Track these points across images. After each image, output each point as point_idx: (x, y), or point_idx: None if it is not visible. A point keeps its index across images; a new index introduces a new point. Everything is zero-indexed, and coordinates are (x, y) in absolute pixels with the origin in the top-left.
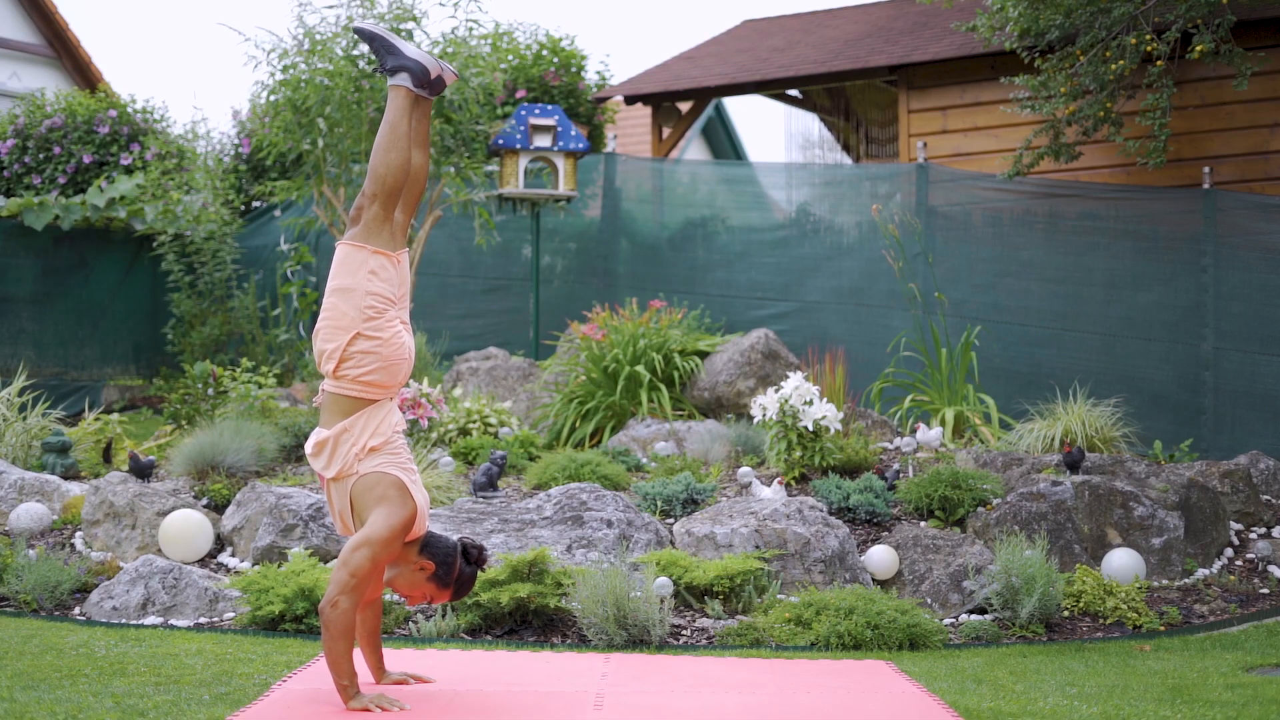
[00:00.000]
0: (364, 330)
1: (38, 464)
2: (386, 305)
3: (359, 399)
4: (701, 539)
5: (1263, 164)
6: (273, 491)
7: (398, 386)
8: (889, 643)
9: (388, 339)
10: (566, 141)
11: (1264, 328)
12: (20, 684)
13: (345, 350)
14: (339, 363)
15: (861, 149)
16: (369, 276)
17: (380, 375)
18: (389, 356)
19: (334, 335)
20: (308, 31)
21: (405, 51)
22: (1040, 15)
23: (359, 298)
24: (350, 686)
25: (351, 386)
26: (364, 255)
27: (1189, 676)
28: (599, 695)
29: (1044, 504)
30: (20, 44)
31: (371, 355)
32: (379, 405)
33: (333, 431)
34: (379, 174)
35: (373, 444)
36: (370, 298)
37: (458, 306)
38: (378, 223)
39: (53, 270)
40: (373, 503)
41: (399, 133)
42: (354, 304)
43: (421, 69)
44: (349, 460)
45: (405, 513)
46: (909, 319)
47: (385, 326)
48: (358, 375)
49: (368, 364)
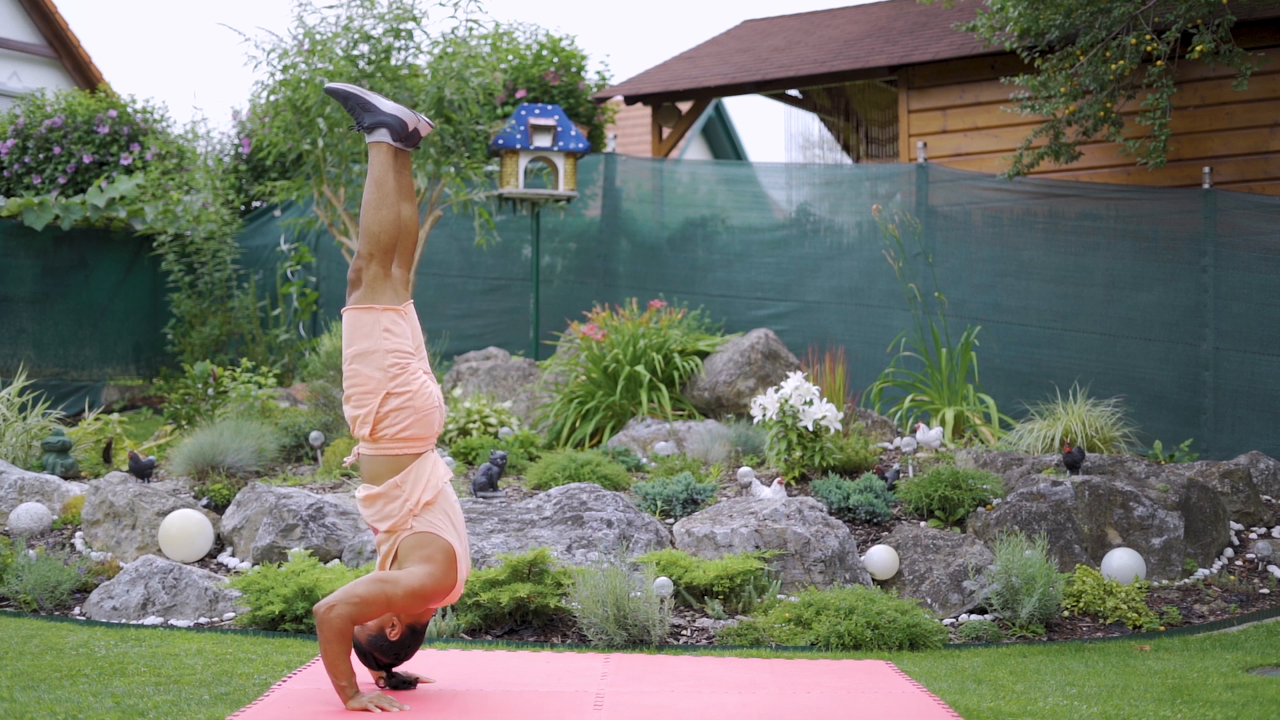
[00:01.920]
0: (392, 389)
1: (38, 464)
2: (407, 359)
3: (401, 455)
4: (701, 539)
5: (1263, 164)
6: (273, 491)
7: (435, 436)
8: (889, 643)
9: (416, 391)
10: (566, 141)
11: (1264, 328)
12: (20, 684)
13: (378, 412)
14: (374, 425)
15: (861, 149)
16: (384, 335)
17: (416, 428)
18: (421, 408)
19: (364, 401)
20: (308, 31)
21: (382, 107)
22: (1040, 15)
23: (380, 358)
24: (349, 687)
25: (391, 445)
26: (374, 316)
27: (1189, 676)
28: (599, 695)
29: (1044, 504)
30: (20, 44)
31: (404, 410)
32: (424, 458)
33: (383, 487)
34: (372, 232)
35: (426, 498)
36: (391, 355)
37: (458, 306)
38: (379, 281)
39: (53, 270)
40: (418, 559)
41: (386, 189)
42: (376, 365)
43: (399, 122)
44: (402, 515)
45: (444, 583)
46: (909, 319)
47: (411, 380)
48: (395, 433)
49: (402, 420)
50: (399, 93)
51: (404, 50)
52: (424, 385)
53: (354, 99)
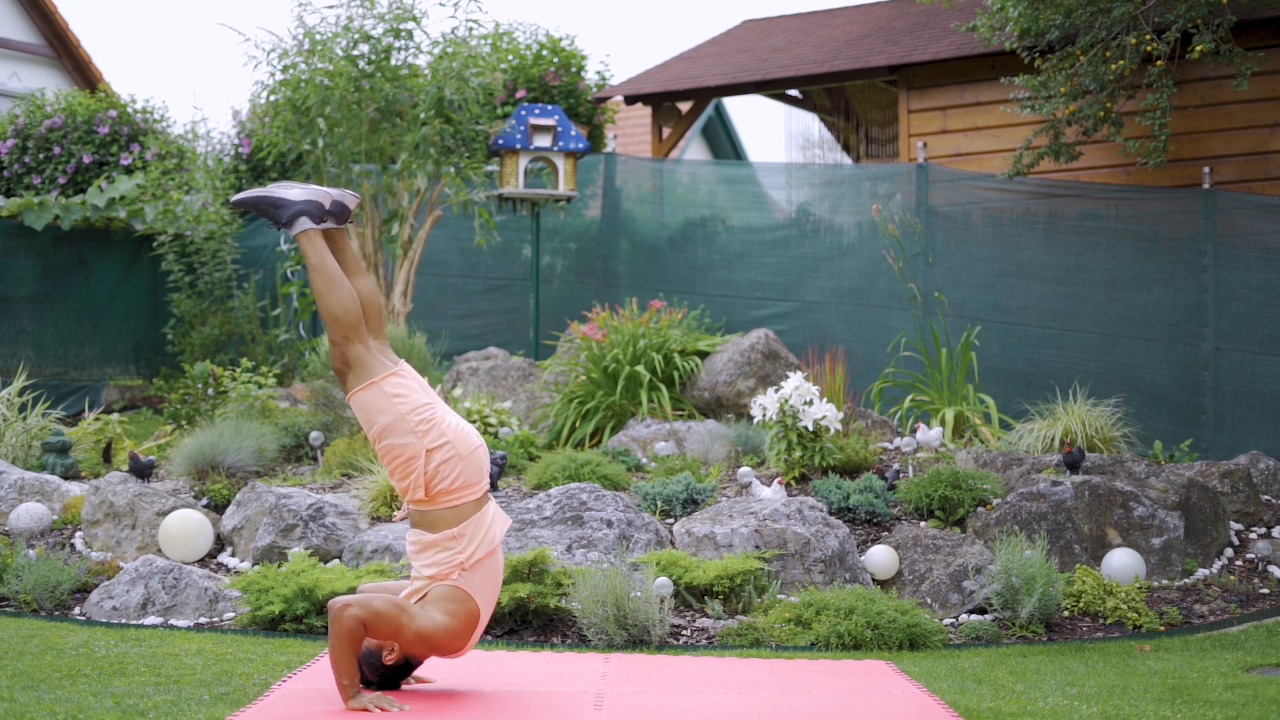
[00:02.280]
0: (429, 445)
1: (38, 464)
2: (429, 408)
3: (460, 505)
4: (701, 539)
5: (1263, 164)
6: (273, 491)
7: (486, 476)
8: (889, 643)
9: (453, 438)
10: (566, 141)
11: (1264, 328)
12: (20, 684)
13: (427, 472)
14: (427, 487)
15: (861, 149)
16: (396, 400)
17: (467, 474)
18: (462, 450)
19: (408, 469)
20: (308, 31)
21: (291, 197)
22: (1040, 15)
23: (404, 423)
24: (350, 686)
25: (448, 498)
26: (377, 390)
27: (1189, 676)
28: (599, 695)
29: (1044, 504)
30: (20, 44)
31: (450, 460)
32: (484, 512)
33: (438, 536)
34: (334, 315)
35: (480, 555)
36: (413, 414)
37: (458, 306)
38: (363, 357)
39: (53, 270)
40: (443, 610)
41: (329, 272)
42: (405, 431)
43: (315, 205)
44: (450, 567)
45: (454, 642)
46: (909, 319)
47: (443, 428)
48: (449, 486)
49: (452, 471)
50: (399, 92)
51: (404, 50)
52: (457, 426)
53: (263, 203)
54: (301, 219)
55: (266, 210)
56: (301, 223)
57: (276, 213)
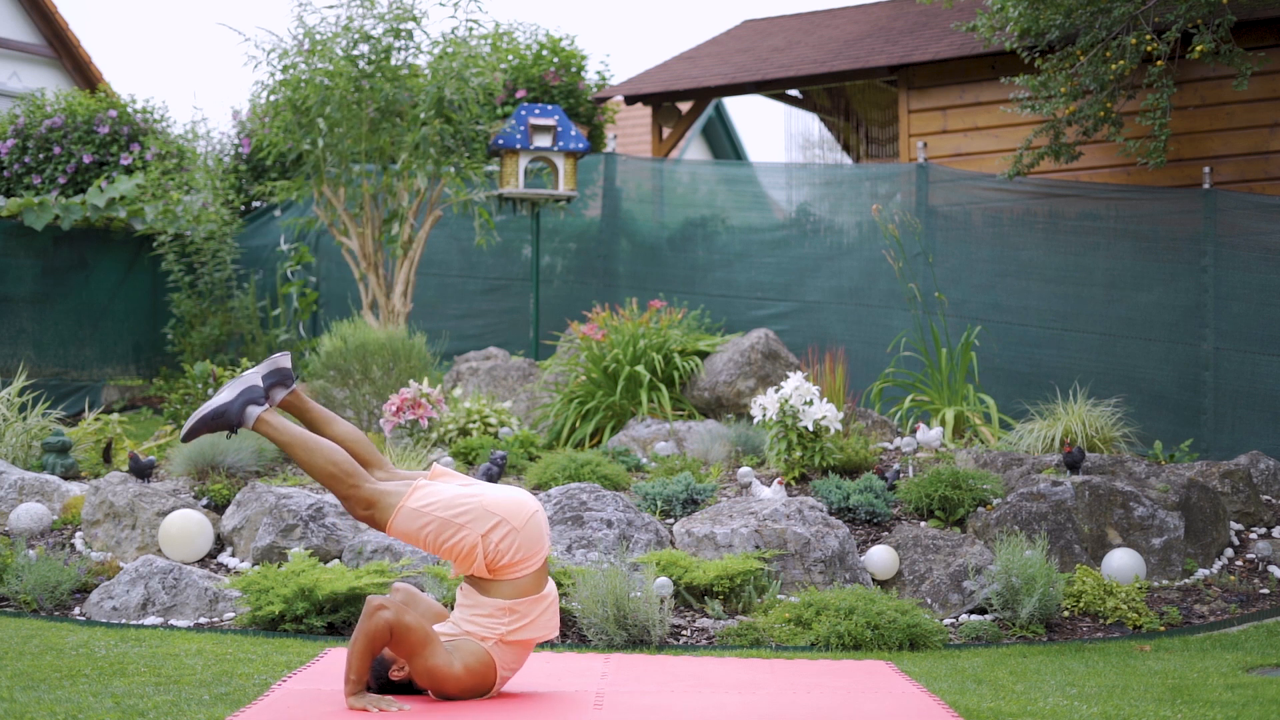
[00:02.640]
0: (482, 531)
1: (38, 464)
2: (467, 497)
3: (520, 578)
4: (701, 539)
5: (1263, 164)
6: (273, 491)
7: (546, 546)
8: (889, 643)
9: (501, 510)
10: (566, 141)
11: (1264, 328)
12: (20, 684)
13: (487, 554)
14: (489, 566)
15: (861, 149)
16: (430, 509)
17: (526, 544)
18: (517, 523)
19: (470, 558)
20: (308, 31)
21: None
22: (1040, 15)
23: (449, 525)
24: (356, 683)
25: (510, 571)
26: (407, 512)
27: (1189, 677)
28: (599, 695)
29: (1044, 504)
30: (20, 44)
31: (507, 536)
32: (544, 595)
33: (500, 603)
34: (329, 475)
35: (525, 637)
36: (453, 512)
37: (458, 306)
38: (378, 494)
39: (53, 270)
40: (463, 661)
41: (303, 441)
42: (454, 529)
43: (253, 390)
44: (492, 635)
45: (460, 693)
46: (909, 319)
47: (484, 505)
48: (510, 560)
49: (510, 545)
50: (399, 92)
51: (404, 50)
52: (506, 500)
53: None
54: (248, 409)
55: (218, 427)
56: (251, 413)
57: (227, 421)
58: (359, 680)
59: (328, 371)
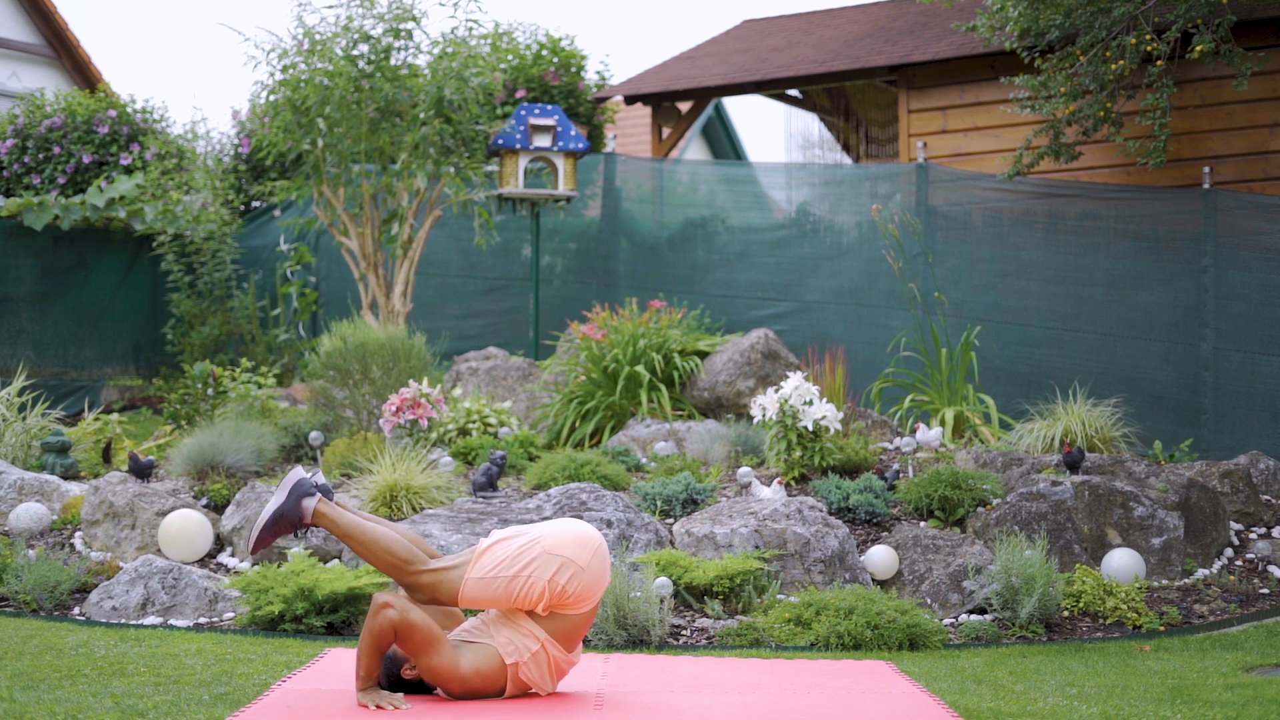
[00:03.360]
0: (548, 576)
1: (37, 464)
2: (528, 547)
3: (573, 614)
4: (701, 539)
5: (1263, 164)
6: (272, 491)
7: (605, 581)
8: (889, 643)
9: (564, 550)
10: (566, 141)
11: (1264, 328)
12: (20, 684)
13: (551, 596)
14: (550, 605)
15: (861, 149)
16: (496, 572)
17: (590, 581)
18: (581, 561)
19: (534, 604)
20: (307, 31)
21: (284, 496)
22: (1040, 15)
23: (518, 581)
24: (366, 679)
25: (575, 608)
26: (476, 582)
27: (1189, 676)
28: (599, 695)
29: (1044, 504)
30: (20, 44)
31: (573, 579)
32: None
33: (537, 632)
34: (390, 563)
35: (525, 675)
36: (519, 566)
37: (458, 306)
38: (440, 576)
39: (53, 270)
40: (475, 665)
41: (362, 527)
42: (523, 580)
43: (304, 483)
44: (522, 652)
45: (465, 693)
46: (909, 319)
47: (544, 548)
48: (574, 598)
49: (576, 585)
50: (399, 92)
51: (404, 50)
52: (565, 536)
53: (274, 525)
54: (304, 503)
55: (281, 529)
56: (307, 506)
57: (290, 521)
58: (368, 676)
59: (327, 371)
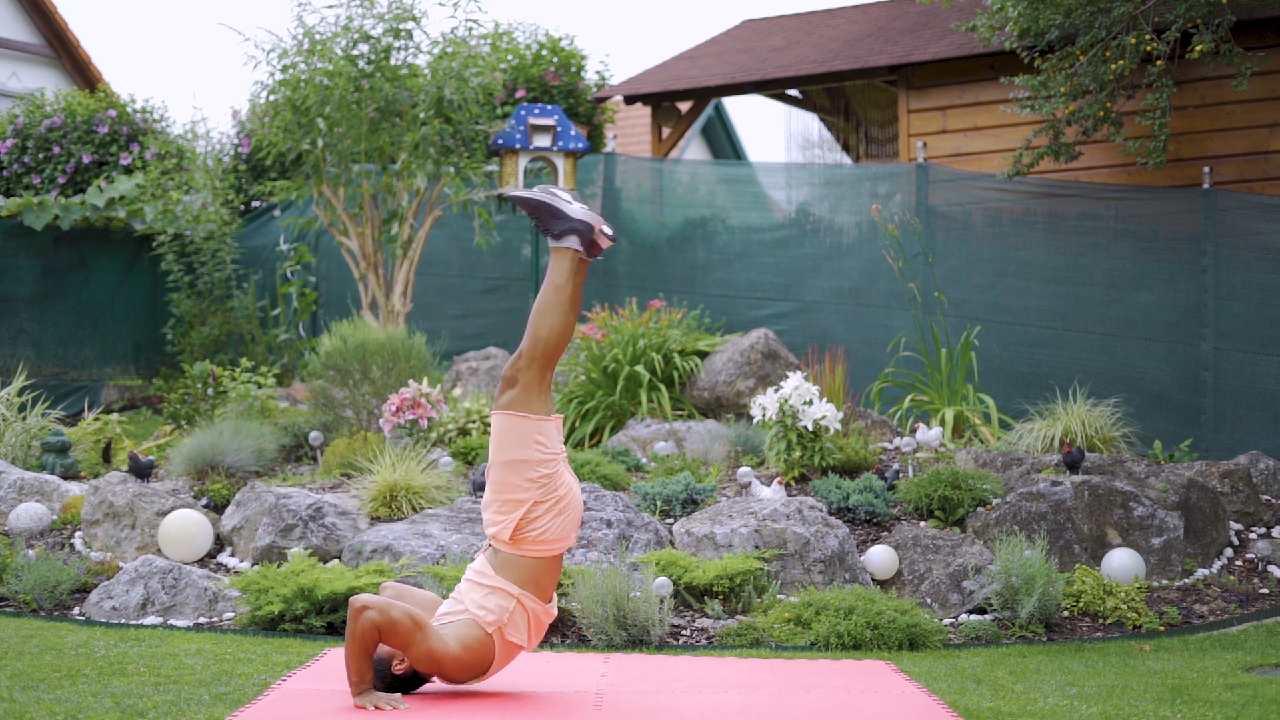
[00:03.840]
0: (540, 497)
1: (37, 464)
2: (555, 462)
3: (537, 559)
4: (701, 539)
5: (1263, 164)
6: (272, 491)
7: (574, 537)
8: (889, 643)
9: (564, 496)
10: (566, 141)
11: (1264, 328)
12: (20, 684)
13: (522, 518)
14: (515, 531)
15: (861, 149)
16: (537, 447)
17: (557, 529)
18: (567, 508)
19: (509, 508)
20: (307, 31)
21: (571, 213)
22: (1040, 15)
23: (531, 469)
24: (360, 683)
25: (531, 548)
26: (529, 425)
27: (1189, 676)
28: (599, 695)
29: (1044, 504)
30: (20, 44)
31: (549, 514)
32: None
33: (510, 588)
34: (540, 336)
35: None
36: (543, 468)
37: (457, 306)
38: (535, 386)
39: (52, 270)
40: (462, 643)
41: (564, 296)
42: (526, 476)
43: (587, 227)
44: (502, 617)
45: (459, 674)
46: (909, 319)
47: (560, 487)
48: (537, 536)
49: (545, 523)
50: (399, 92)
51: (404, 50)
52: (571, 486)
53: (544, 207)
54: (571, 236)
55: (543, 216)
56: (570, 240)
57: (553, 222)
58: (361, 680)
59: (327, 371)
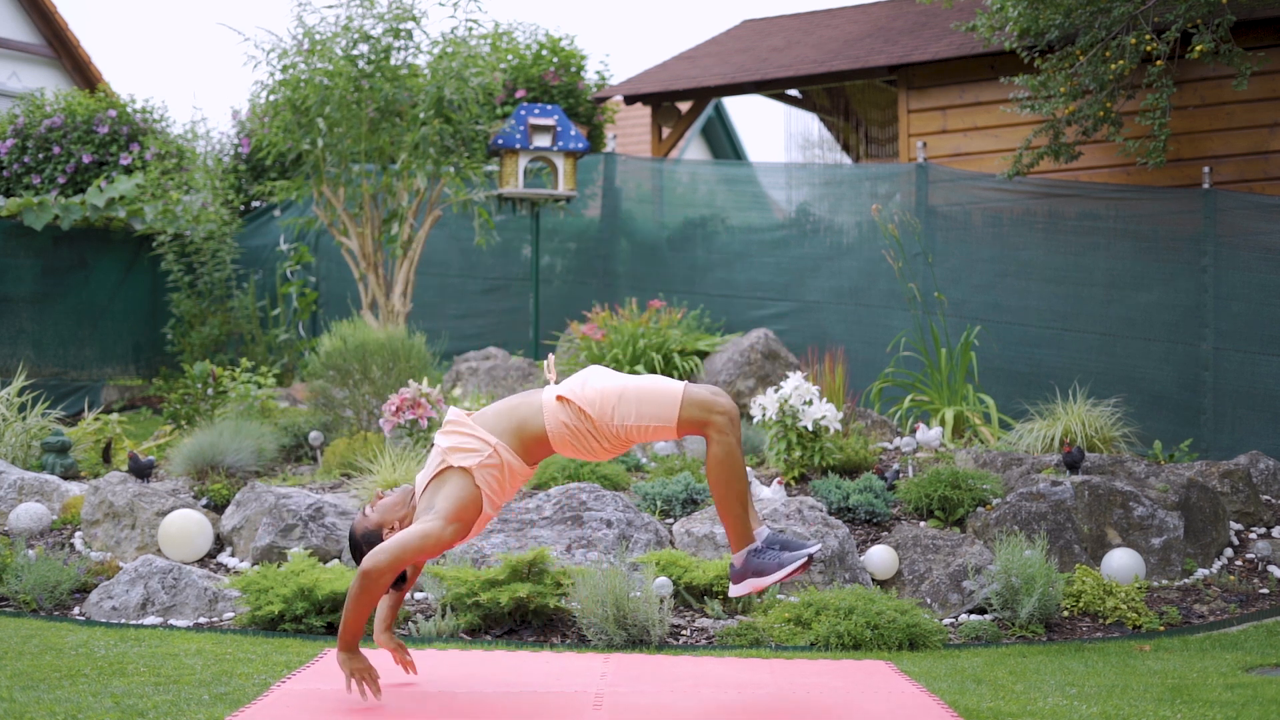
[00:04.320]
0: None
1: (37, 464)
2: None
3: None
4: (701, 539)
5: (1263, 164)
6: (272, 491)
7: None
8: (889, 643)
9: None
10: (566, 141)
11: (1264, 328)
12: (20, 684)
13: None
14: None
15: (861, 149)
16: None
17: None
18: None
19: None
20: (307, 31)
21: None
22: (1040, 15)
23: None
24: (351, 644)
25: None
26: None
27: (1189, 676)
28: (598, 695)
29: (1044, 504)
30: (20, 44)
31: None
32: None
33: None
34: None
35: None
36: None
37: (457, 306)
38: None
39: (52, 270)
40: (448, 499)
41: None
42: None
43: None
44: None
45: (465, 525)
46: (909, 319)
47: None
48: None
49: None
50: (399, 92)
51: (404, 50)
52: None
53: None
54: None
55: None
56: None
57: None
58: (355, 636)
59: (327, 371)
